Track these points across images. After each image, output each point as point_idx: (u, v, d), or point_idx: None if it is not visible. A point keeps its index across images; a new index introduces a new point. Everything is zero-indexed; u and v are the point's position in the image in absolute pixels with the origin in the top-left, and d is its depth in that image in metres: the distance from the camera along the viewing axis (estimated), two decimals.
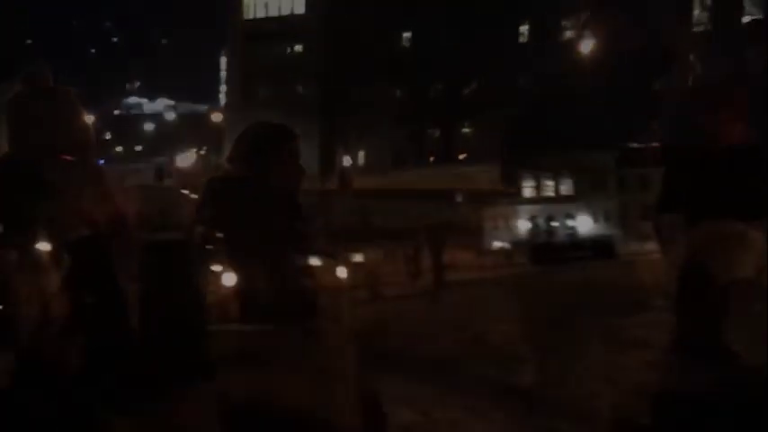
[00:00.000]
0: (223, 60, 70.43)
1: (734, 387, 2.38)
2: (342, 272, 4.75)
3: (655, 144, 30.68)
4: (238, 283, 5.45)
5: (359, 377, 3.94)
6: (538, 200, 43.19)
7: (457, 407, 5.96)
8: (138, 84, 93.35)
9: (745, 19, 38.65)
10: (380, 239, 27.16)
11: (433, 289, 20.45)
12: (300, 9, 57.57)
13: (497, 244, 43.02)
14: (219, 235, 3.45)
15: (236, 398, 4.32)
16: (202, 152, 68.27)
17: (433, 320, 11.79)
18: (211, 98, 76.34)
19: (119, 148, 75.52)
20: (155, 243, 3.40)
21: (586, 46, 46.80)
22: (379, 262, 29.69)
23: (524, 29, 54.46)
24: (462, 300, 15.99)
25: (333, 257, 4.17)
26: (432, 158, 55.76)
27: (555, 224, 40.81)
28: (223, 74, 70.61)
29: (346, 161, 54.79)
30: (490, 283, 21.14)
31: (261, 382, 4.23)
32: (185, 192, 23.63)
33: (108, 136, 72.10)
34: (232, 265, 5.69)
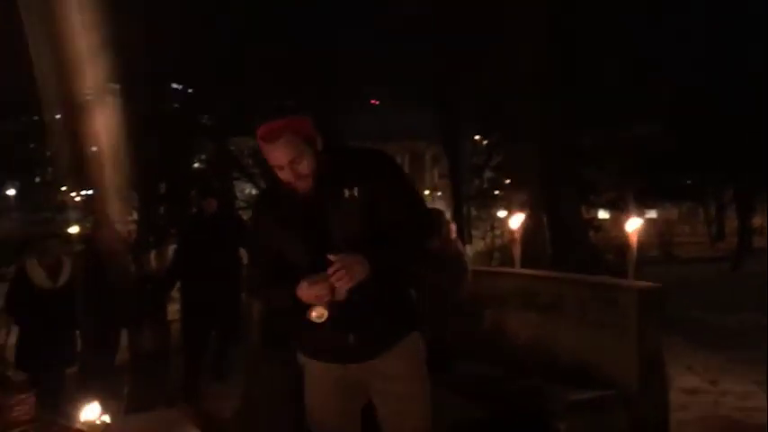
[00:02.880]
0: None
1: None
2: (633, 224, 4.66)
3: None
4: (523, 230, 5.65)
5: (643, 335, 3.90)
6: None
7: (747, 380, 5.56)
8: None
9: None
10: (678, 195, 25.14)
11: (736, 255, 18.62)
12: None
13: None
14: None
15: (510, 333, 4.56)
16: None
17: (732, 289, 10.84)
18: None
19: None
20: None
21: None
22: (675, 220, 27.81)
23: None
24: None
25: None
26: None
27: None
28: None
29: None
30: None
31: (540, 325, 4.40)
32: None
33: None
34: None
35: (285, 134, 2.20)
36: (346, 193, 2.26)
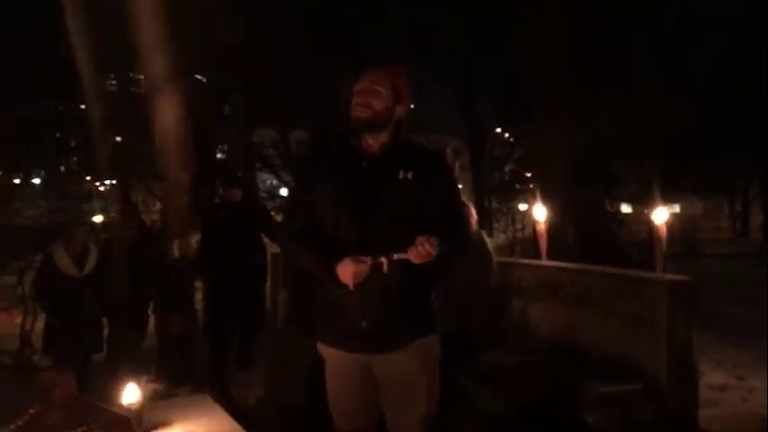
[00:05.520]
0: None
1: None
2: (661, 216, 4.60)
3: None
4: (547, 221, 5.61)
5: (673, 329, 3.85)
6: None
7: None
8: None
9: None
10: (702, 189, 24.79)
11: (761, 251, 18.37)
12: None
13: None
14: None
15: (536, 325, 4.52)
16: None
17: (758, 285, 10.67)
18: None
19: None
20: None
21: None
22: (699, 215, 27.46)
23: None
24: None
25: None
26: None
27: None
28: None
29: None
30: None
31: (567, 317, 4.36)
32: None
33: None
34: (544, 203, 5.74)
35: (386, 69, 2.46)
36: (401, 174, 2.37)
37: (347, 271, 2.28)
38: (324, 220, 2.40)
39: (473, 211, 4.47)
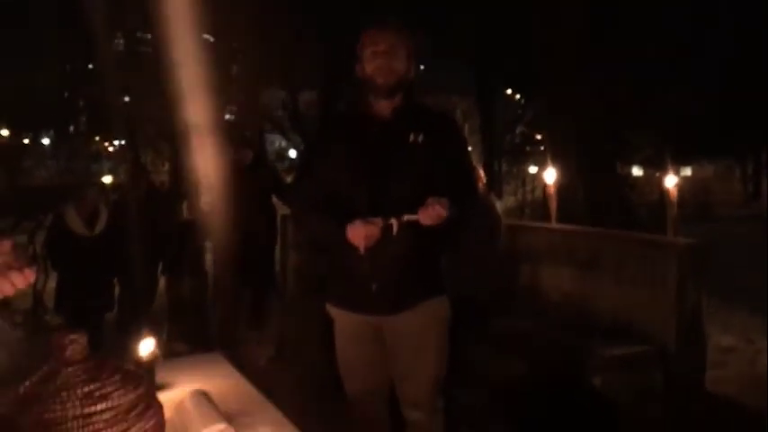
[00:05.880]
0: None
1: None
2: (672, 180, 4.56)
3: None
4: (555, 183, 5.58)
5: (683, 292, 3.85)
6: None
7: None
8: None
9: None
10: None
11: None
12: None
13: None
14: None
15: (546, 289, 4.52)
16: None
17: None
18: None
19: None
20: None
21: None
22: (710, 178, 27.25)
23: None
24: None
25: None
26: None
27: None
28: None
29: None
30: None
31: (577, 281, 4.36)
32: None
33: None
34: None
35: (399, 30, 2.40)
36: (411, 137, 2.35)
37: (358, 233, 2.26)
38: (334, 184, 2.39)
39: (482, 174, 4.44)
